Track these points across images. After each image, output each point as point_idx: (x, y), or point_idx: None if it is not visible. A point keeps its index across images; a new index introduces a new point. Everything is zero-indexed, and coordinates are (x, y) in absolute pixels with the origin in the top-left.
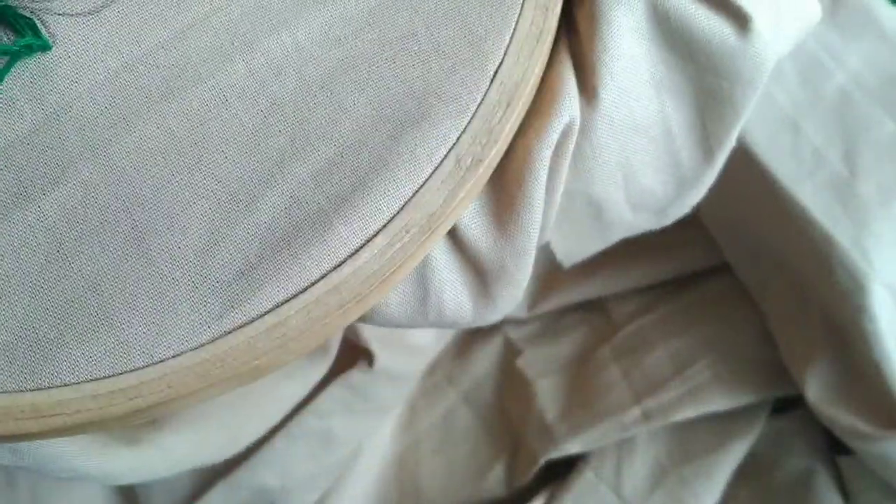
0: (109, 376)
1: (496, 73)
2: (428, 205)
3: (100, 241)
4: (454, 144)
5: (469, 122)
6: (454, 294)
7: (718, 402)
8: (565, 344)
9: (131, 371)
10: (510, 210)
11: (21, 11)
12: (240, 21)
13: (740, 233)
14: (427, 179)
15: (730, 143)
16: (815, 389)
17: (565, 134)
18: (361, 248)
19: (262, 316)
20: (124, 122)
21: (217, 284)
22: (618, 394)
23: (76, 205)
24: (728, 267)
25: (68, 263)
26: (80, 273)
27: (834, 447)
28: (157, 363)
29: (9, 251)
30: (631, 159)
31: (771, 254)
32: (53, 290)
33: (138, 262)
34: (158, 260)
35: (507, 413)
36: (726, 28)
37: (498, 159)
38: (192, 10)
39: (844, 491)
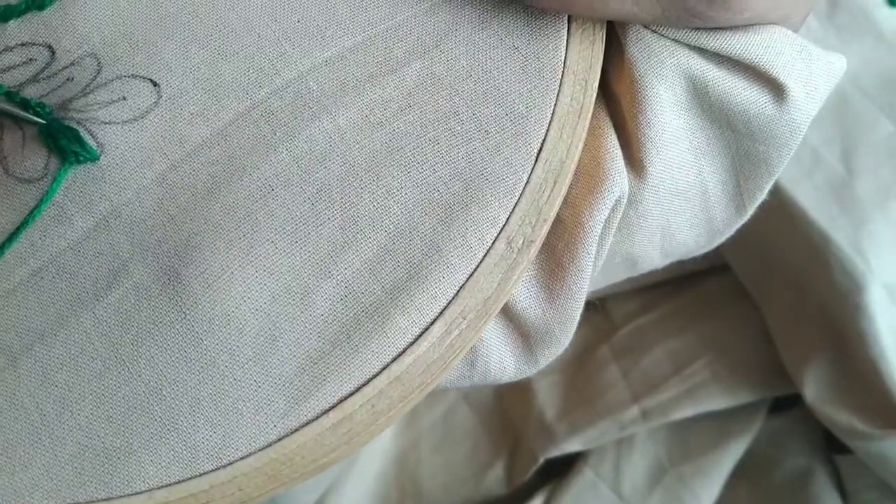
0: (180, 482)
1: (540, 150)
2: (483, 289)
3: (157, 344)
4: (504, 226)
5: (517, 202)
6: (500, 359)
7: (717, 402)
8: None
9: (201, 475)
10: (561, 282)
11: (67, 123)
12: (280, 112)
13: (739, 233)
14: (479, 264)
15: (762, 197)
16: (813, 388)
17: (615, 208)
18: (420, 337)
19: (326, 412)
20: (172, 221)
21: (279, 382)
22: (617, 393)
23: (130, 308)
24: (727, 267)
25: (127, 369)
26: (140, 378)
27: (832, 446)
28: (226, 466)
29: (67, 360)
30: (670, 220)
31: (769, 253)
32: (115, 397)
33: (197, 363)
34: (218, 360)
35: (507, 412)
36: (763, 97)
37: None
38: (233, 106)
39: (842, 489)
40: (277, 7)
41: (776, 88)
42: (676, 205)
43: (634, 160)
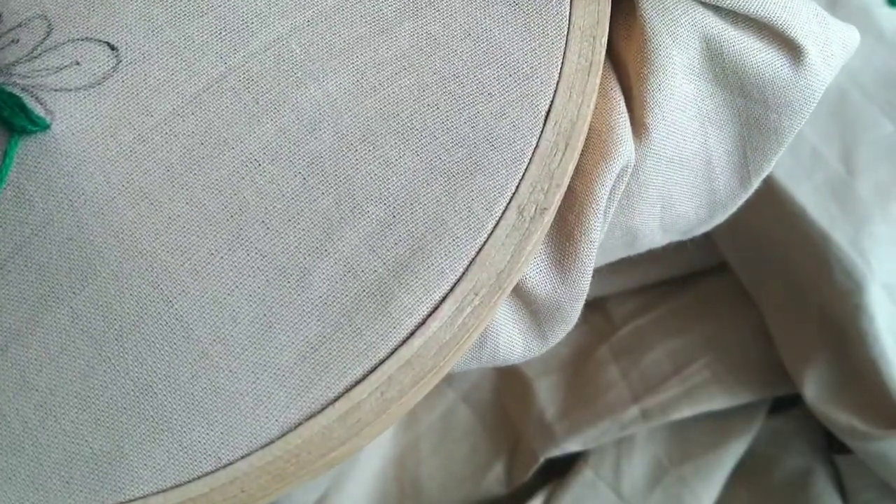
0: (177, 486)
1: (548, 112)
2: (495, 263)
3: (143, 339)
4: (514, 194)
5: (526, 168)
6: (508, 338)
7: (717, 402)
8: (564, 343)
9: (199, 478)
10: (573, 255)
11: (10, 89)
12: (260, 78)
13: (739, 232)
14: (490, 235)
15: (768, 170)
16: (813, 389)
17: (621, 175)
18: (429, 316)
19: (332, 402)
20: (147, 200)
21: (279, 371)
22: (617, 393)
23: (110, 300)
24: (727, 267)
25: (113, 367)
26: (127, 375)
27: (832, 446)
28: (226, 466)
29: (46, 361)
30: (671, 189)
31: (769, 253)
32: (102, 398)
33: (189, 356)
34: (211, 351)
35: (507, 412)
36: (779, 60)
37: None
38: (206, 73)
39: (843, 490)
40: None
41: (793, 50)
42: (678, 173)
43: (638, 125)
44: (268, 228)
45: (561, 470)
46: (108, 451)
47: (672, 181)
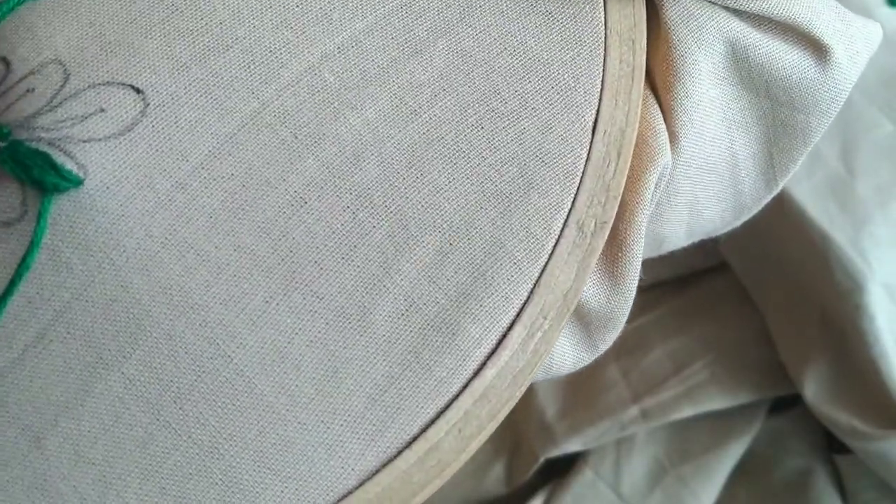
0: None
1: (595, 122)
2: (560, 283)
3: (204, 399)
4: (570, 210)
5: (580, 182)
6: (561, 352)
7: (717, 402)
8: None
9: None
10: (626, 264)
11: (36, 146)
12: (296, 111)
13: (739, 232)
14: (551, 255)
15: (794, 170)
16: (814, 389)
17: (660, 180)
18: (498, 345)
19: (408, 445)
20: (193, 251)
21: (349, 418)
22: (617, 393)
23: (164, 361)
24: (727, 267)
25: (174, 431)
26: (190, 439)
27: (832, 446)
28: None
29: (101, 431)
30: (698, 195)
31: (769, 253)
32: (165, 466)
33: (254, 412)
34: (277, 404)
35: None
36: (805, 61)
37: None
38: (239, 110)
39: (843, 489)
40: None
41: (819, 50)
42: (705, 179)
43: (669, 132)
44: (321, 269)
45: (561, 470)
46: None
47: (699, 187)
